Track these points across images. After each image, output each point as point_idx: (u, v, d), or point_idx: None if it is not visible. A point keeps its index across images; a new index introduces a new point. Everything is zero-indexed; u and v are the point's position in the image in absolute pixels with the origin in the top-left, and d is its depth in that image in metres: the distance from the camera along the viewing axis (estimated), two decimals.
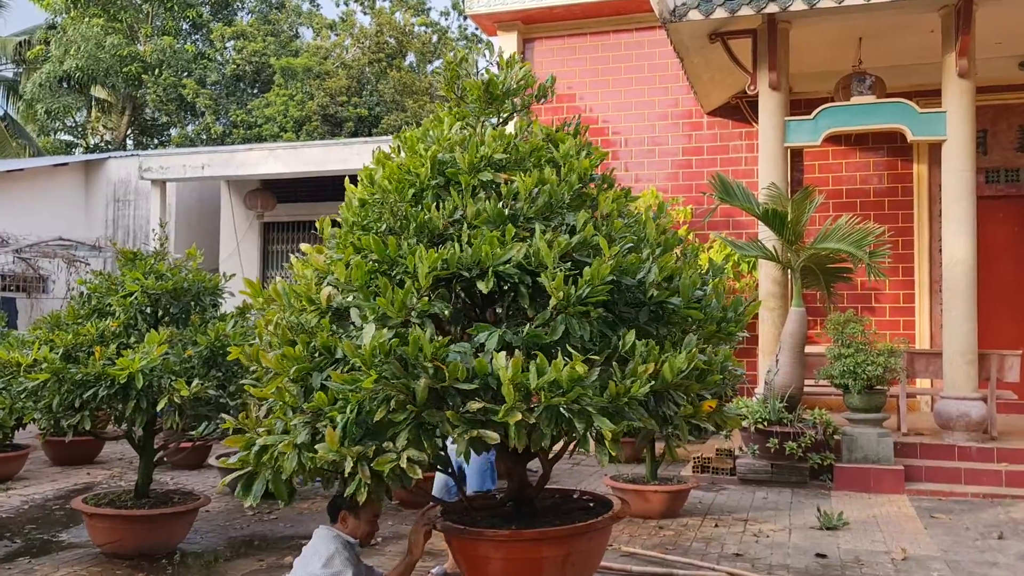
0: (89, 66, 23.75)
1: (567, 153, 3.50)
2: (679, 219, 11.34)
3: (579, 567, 3.42)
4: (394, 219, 3.37)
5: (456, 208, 3.32)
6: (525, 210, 3.28)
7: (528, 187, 3.30)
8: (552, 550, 3.39)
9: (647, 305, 3.20)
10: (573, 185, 3.40)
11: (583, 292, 3.00)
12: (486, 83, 3.72)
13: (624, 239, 3.32)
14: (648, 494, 6.77)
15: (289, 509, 7.29)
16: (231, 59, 24.16)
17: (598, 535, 3.46)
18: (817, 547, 5.99)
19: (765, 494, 7.84)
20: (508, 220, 3.28)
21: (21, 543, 6.20)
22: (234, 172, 14.60)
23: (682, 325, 3.29)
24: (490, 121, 3.78)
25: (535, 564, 3.44)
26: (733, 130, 11.90)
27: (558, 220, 3.30)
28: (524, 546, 3.46)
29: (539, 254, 3.07)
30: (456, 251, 3.12)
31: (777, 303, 8.98)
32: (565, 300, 2.98)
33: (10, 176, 15.92)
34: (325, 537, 3.79)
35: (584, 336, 3.00)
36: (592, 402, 2.83)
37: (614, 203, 3.50)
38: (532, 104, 3.94)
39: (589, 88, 12.56)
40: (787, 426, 8.02)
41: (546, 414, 2.83)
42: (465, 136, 3.52)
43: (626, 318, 3.18)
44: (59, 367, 5.08)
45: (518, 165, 3.47)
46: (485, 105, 3.75)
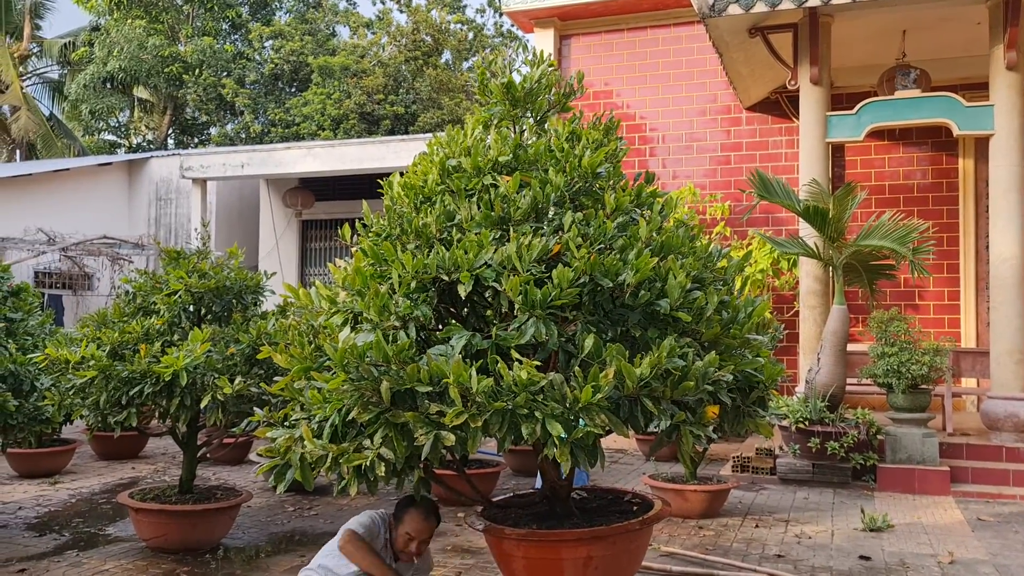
0: (131, 67, 24.19)
1: (567, 153, 3.40)
2: (717, 216, 11.24)
3: (603, 570, 3.38)
4: (399, 225, 3.42)
5: (455, 213, 3.32)
6: (512, 212, 3.22)
7: (512, 189, 3.27)
8: (570, 552, 3.38)
9: (635, 308, 3.06)
10: (559, 186, 3.29)
11: (551, 295, 2.95)
12: (506, 85, 3.69)
13: (619, 239, 3.18)
14: (688, 493, 6.72)
15: (328, 505, 7.36)
16: (269, 58, 24.41)
17: (624, 539, 3.36)
18: (860, 549, 5.90)
19: (806, 494, 7.74)
20: (496, 223, 3.25)
21: (69, 536, 6.32)
22: (272, 170, 14.75)
23: (677, 328, 3.12)
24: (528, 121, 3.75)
25: (554, 565, 3.44)
26: (773, 125, 11.76)
27: (547, 221, 3.23)
28: (542, 546, 3.46)
29: (511, 258, 3.05)
30: (437, 255, 3.13)
31: (818, 301, 8.86)
32: (529, 304, 2.95)
33: (56, 176, 16.25)
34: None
35: (551, 339, 2.95)
36: (544, 407, 2.80)
37: (630, 199, 3.38)
38: (568, 103, 3.87)
39: (626, 84, 12.50)
40: (829, 425, 7.91)
41: (495, 418, 2.82)
42: (477, 140, 3.51)
43: (616, 320, 3.10)
44: (106, 364, 5.16)
45: (530, 167, 3.43)
46: (511, 107, 3.72)
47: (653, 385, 2.83)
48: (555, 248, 3.05)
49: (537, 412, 2.79)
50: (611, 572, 3.39)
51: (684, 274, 3.03)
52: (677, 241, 3.19)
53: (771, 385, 3.20)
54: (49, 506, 7.34)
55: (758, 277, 10.47)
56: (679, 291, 2.99)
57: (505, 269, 3.04)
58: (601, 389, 2.75)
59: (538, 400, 2.80)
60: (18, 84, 24.85)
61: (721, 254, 3.37)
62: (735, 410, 3.23)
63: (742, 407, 3.24)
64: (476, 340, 3.01)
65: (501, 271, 3.05)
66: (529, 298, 2.95)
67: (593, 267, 3.02)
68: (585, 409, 2.80)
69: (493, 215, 3.23)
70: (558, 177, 3.27)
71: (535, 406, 2.80)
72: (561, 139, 3.51)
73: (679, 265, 3.08)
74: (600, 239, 3.13)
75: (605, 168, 3.35)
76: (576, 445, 2.92)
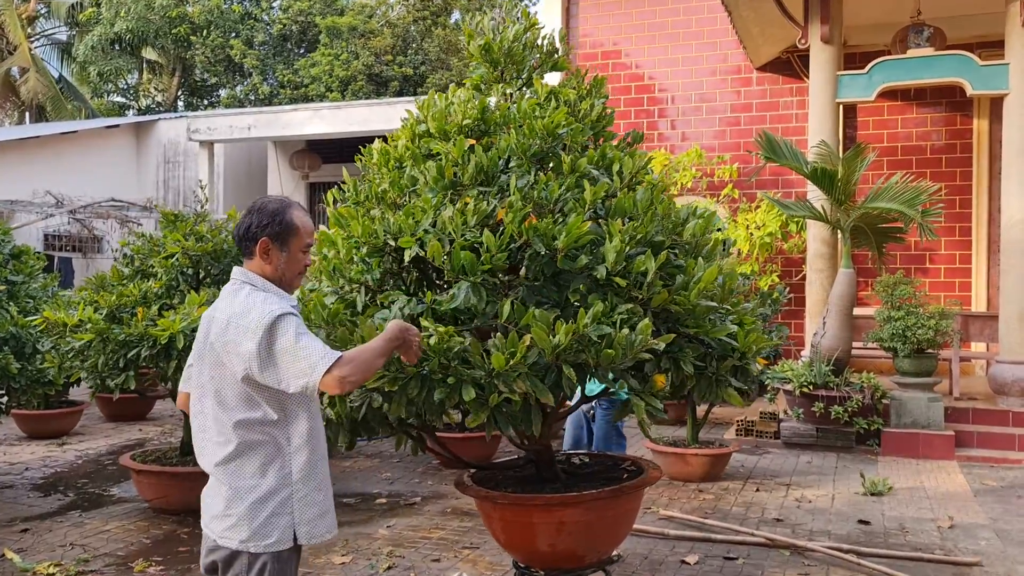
0: (139, 28, 24.01)
1: (525, 114, 3.28)
2: (725, 178, 11.11)
3: (578, 536, 3.35)
4: (365, 190, 3.37)
5: (418, 179, 3.25)
6: (462, 177, 3.14)
7: (457, 154, 3.20)
8: (542, 516, 3.35)
9: (579, 274, 2.95)
10: (511, 149, 3.16)
11: (484, 260, 2.89)
12: (484, 46, 3.58)
13: (569, 202, 3.05)
14: (688, 457, 6.71)
15: (332, 467, 7.36)
16: (277, 19, 24.17)
17: (601, 505, 3.30)
18: (861, 513, 5.88)
19: (809, 458, 7.72)
20: (447, 188, 3.17)
21: (74, 496, 6.39)
22: (279, 133, 14.68)
23: (622, 294, 2.96)
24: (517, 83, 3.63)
25: (527, 528, 3.43)
26: (784, 86, 11.56)
27: (496, 185, 3.14)
28: (515, 509, 3.44)
29: (445, 223, 2.99)
30: (384, 220, 3.07)
31: (826, 264, 8.77)
32: (456, 269, 2.89)
33: (64, 138, 16.22)
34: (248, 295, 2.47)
35: (478, 304, 2.87)
36: (461, 372, 2.76)
37: (590, 161, 3.24)
38: (556, 63, 3.75)
39: (635, 44, 12.29)
40: (833, 390, 7.86)
41: (414, 382, 2.79)
42: (448, 104, 3.42)
43: (562, 286, 3.01)
44: (103, 328, 5.17)
45: (497, 130, 3.33)
46: (491, 68, 3.62)
47: (581, 353, 2.75)
48: (499, 214, 2.95)
49: (450, 378, 2.75)
50: (588, 538, 3.37)
51: (621, 238, 2.89)
52: (628, 204, 3.04)
53: (751, 354, 3.10)
54: (55, 467, 7.42)
55: (766, 240, 10.37)
56: (614, 255, 2.86)
57: (444, 235, 2.96)
58: (515, 356, 2.68)
59: (453, 365, 2.75)
60: (26, 45, 24.73)
61: (690, 218, 3.20)
62: (706, 379, 3.16)
63: (714, 376, 3.15)
64: (411, 305, 2.96)
65: (442, 236, 2.97)
66: (455, 263, 2.88)
67: (527, 231, 2.93)
68: (501, 375, 2.74)
69: (444, 180, 3.15)
70: (512, 140, 3.16)
71: (450, 371, 2.75)
72: (538, 100, 3.41)
73: (620, 228, 2.92)
74: (545, 203, 3.03)
75: (567, 130, 3.22)
76: (498, 411, 2.86)
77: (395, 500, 6.31)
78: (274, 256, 2.50)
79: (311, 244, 2.59)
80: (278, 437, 2.44)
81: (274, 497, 2.42)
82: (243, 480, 2.42)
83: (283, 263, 2.51)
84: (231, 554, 2.43)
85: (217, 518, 2.46)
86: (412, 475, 7.13)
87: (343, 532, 5.49)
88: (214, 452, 2.46)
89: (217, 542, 2.46)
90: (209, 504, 2.50)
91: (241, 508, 2.41)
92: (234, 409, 2.42)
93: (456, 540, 5.30)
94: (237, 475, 2.42)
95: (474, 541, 5.24)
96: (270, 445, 2.43)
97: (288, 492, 2.44)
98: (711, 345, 3.10)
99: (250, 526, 2.40)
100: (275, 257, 2.50)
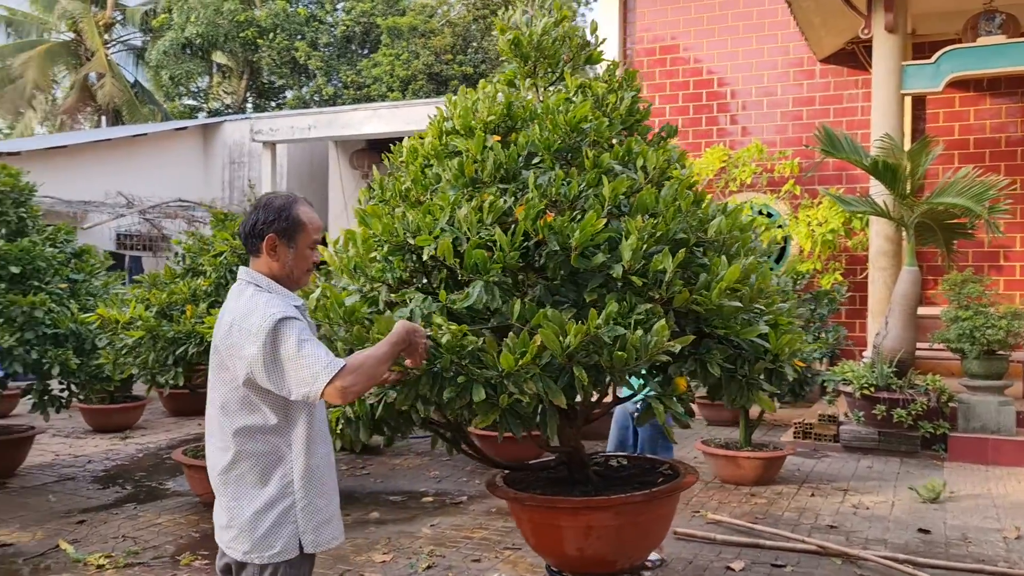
0: (208, 32, 24.60)
1: (549, 109, 3.18)
2: (785, 173, 10.83)
3: (607, 541, 3.27)
4: (391, 188, 3.33)
5: (440, 176, 3.19)
6: (482, 174, 3.07)
7: (476, 151, 3.12)
8: (569, 520, 3.28)
9: (598, 273, 2.86)
10: (537, 144, 3.09)
11: (500, 258, 2.82)
12: (513, 41, 3.51)
13: (590, 199, 2.97)
14: (740, 460, 6.54)
15: (381, 465, 7.43)
16: (341, 21, 24.50)
17: (630, 510, 3.21)
18: (921, 521, 5.65)
19: (870, 463, 7.46)
20: (467, 185, 3.10)
21: (131, 489, 6.55)
22: (339, 132, 14.85)
23: (641, 293, 2.85)
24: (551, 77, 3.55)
25: (555, 531, 3.36)
26: (848, 78, 11.20)
27: (516, 182, 3.05)
28: (542, 512, 3.37)
29: (460, 221, 2.92)
30: (403, 219, 3.02)
31: (889, 262, 8.47)
32: (469, 268, 2.83)
33: (135, 140, 16.71)
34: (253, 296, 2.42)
35: (485, 303, 2.80)
36: (472, 372, 2.69)
37: (615, 157, 3.14)
38: (588, 56, 3.64)
39: (694, 39, 12.07)
40: (896, 392, 7.57)
41: (425, 379, 2.72)
42: (475, 101, 3.35)
43: (581, 285, 2.91)
44: (153, 325, 5.27)
45: (524, 126, 3.25)
46: (522, 63, 3.54)
47: (597, 354, 2.65)
48: (518, 210, 2.86)
49: (460, 377, 2.68)
50: (618, 543, 3.27)
51: (639, 235, 2.77)
52: (650, 200, 2.91)
53: (784, 356, 2.95)
54: (116, 460, 7.63)
55: (828, 238, 10.05)
56: (630, 253, 2.75)
57: (460, 233, 2.90)
58: (525, 356, 2.60)
59: (464, 364, 2.68)
60: (103, 51, 25.61)
61: (717, 214, 3.05)
62: (736, 382, 3.02)
63: (744, 379, 3.02)
64: (426, 304, 2.91)
65: (458, 234, 2.91)
66: (468, 262, 2.81)
67: (542, 229, 2.84)
68: (511, 376, 2.67)
69: (464, 177, 3.09)
70: (535, 135, 3.08)
71: (461, 370, 2.69)
72: (567, 95, 3.32)
73: (639, 226, 2.79)
74: (564, 200, 2.94)
75: (592, 125, 3.12)
76: (509, 412, 2.79)
77: (441, 499, 6.30)
78: (281, 253, 2.45)
79: (319, 240, 2.54)
80: (279, 444, 2.39)
81: (275, 507, 2.37)
82: (243, 490, 2.39)
83: (291, 260, 2.47)
84: (239, 564, 2.42)
85: (223, 528, 2.44)
86: (461, 473, 7.11)
87: (387, 530, 5.50)
88: (216, 460, 2.44)
89: (225, 551, 2.45)
90: (216, 514, 2.48)
91: (242, 519, 2.37)
92: (235, 415, 2.38)
93: (498, 540, 5.26)
94: (237, 485, 2.39)
95: (516, 542, 5.19)
96: (271, 454, 2.38)
97: (290, 501, 2.39)
98: (742, 347, 2.97)
99: (251, 537, 2.36)
100: (283, 254, 2.46)
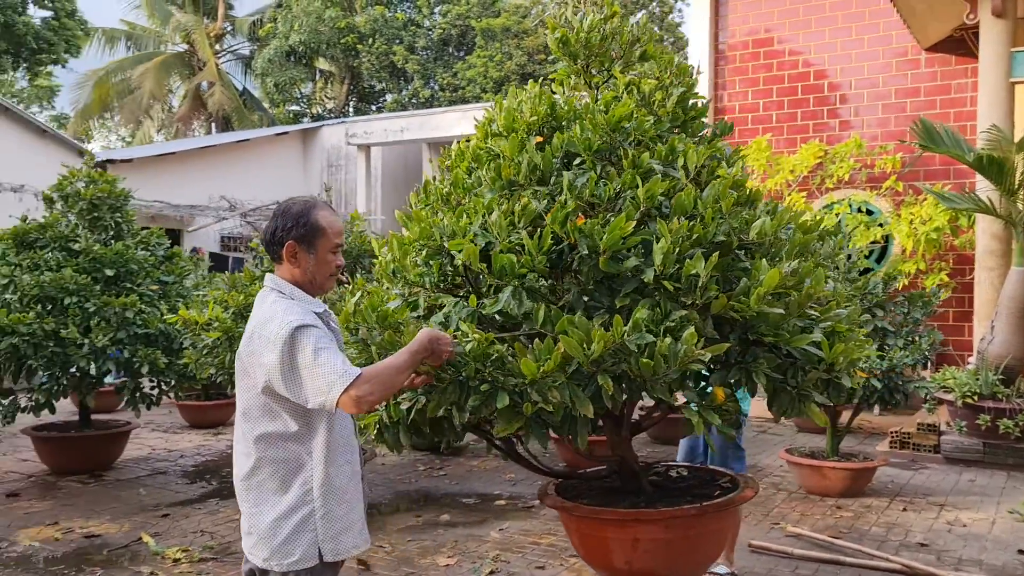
0: (311, 39, 25.39)
1: (589, 108, 3.05)
2: (887, 169, 10.31)
3: (655, 554, 3.13)
4: (435, 192, 3.29)
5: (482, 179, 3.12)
6: (517, 176, 2.97)
7: (511, 152, 3.02)
8: (616, 532, 3.16)
9: (631, 277, 2.74)
10: (556, 150, 2.98)
11: (528, 262, 2.75)
12: (561, 39, 3.40)
13: (625, 201, 2.84)
14: (826, 470, 6.24)
15: (458, 466, 7.44)
16: (437, 24, 24.84)
17: (681, 524, 3.09)
18: (1023, 542, 5.25)
19: (973, 476, 6.99)
20: (504, 187, 3.01)
21: (216, 485, 6.77)
22: (430, 135, 15.04)
23: (675, 299, 2.74)
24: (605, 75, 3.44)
25: (602, 543, 3.26)
26: (956, 67, 10.57)
27: (551, 184, 2.93)
28: (589, 523, 3.27)
29: (491, 225, 2.84)
30: (439, 222, 2.97)
31: (997, 262, 7.95)
32: (498, 273, 2.75)
33: (238, 146, 17.38)
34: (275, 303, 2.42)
35: (512, 309, 2.72)
36: (497, 379, 2.60)
37: (658, 156, 2.99)
38: (643, 53, 3.50)
39: (789, 30, 11.64)
40: (1002, 401, 7.08)
41: (452, 387, 2.64)
42: (518, 103, 3.26)
43: (615, 291, 2.77)
44: (229, 326, 5.42)
45: (568, 126, 3.15)
46: (572, 61, 3.44)
47: (626, 362, 2.52)
48: (548, 215, 2.77)
49: (483, 385, 2.60)
50: (667, 557, 3.14)
51: (673, 238, 2.62)
52: (688, 201, 2.76)
53: (840, 365, 2.74)
54: (206, 455, 7.90)
55: (933, 236, 9.51)
56: (661, 256, 2.60)
57: (493, 237, 2.83)
58: (549, 364, 2.49)
59: (488, 371, 2.60)
60: (213, 61, 26.73)
61: (768, 215, 2.86)
62: (786, 393, 2.84)
63: (795, 390, 2.82)
64: (456, 309, 2.84)
65: (492, 239, 2.84)
66: (496, 267, 2.72)
67: (572, 232, 2.72)
68: (535, 383, 2.56)
69: (501, 180, 3.01)
70: (576, 135, 2.97)
71: (485, 377, 2.61)
72: (617, 93, 3.20)
73: (674, 228, 2.64)
74: (599, 201, 2.82)
75: (632, 124, 2.98)
76: (535, 421, 2.68)
77: (513, 502, 6.25)
78: (302, 259, 2.44)
79: (340, 244, 2.52)
80: (299, 452, 2.38)
81: (294, 514, 2.36)
82: (264, 496, 2.39)
83: (312, 265, 2.45)
84: (261, 571, 2.42)
85: (245, 535, 2.45)
86: (536, 477, 6.93)
87: (455, 533, 5.49)
88: (239, 466, 2.45)
89: (248, 558, 2.46)
90: (241, 521, 2.49)
91: (261, 526, 2.38)
92: (256, 421, 2.39)
93: (565, 547, 5.16)
94: (259, 491, 2.40)
95: None
96: (291, 461, 2.38)
97: (309, 509, 2.37)
98: (793, 355, 2.80)
99: (270, 545, 2.36)
100: (303, 260, 2.45)
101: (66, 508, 6.01)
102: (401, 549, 5.18)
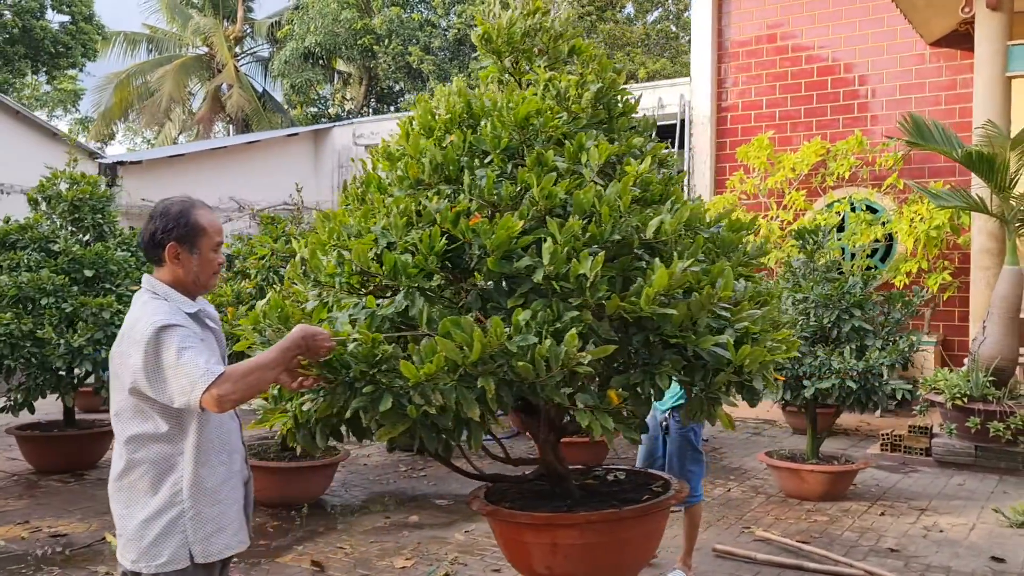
0: (327, 41, 25.48)
1: (497, 105, 3.00)
2: (888, 166, 10.13)
3: (575, 560, 3.07)
4: (353, 192, 3.29)
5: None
6: (423, 175, 2.94)
7: (413, 151, 3.02)
8: (534, 536, 3.11)
9: (523, 277, 2.72)
10: (458, 148, 2.93)
11: (420, 262, 2.77)
12: (483, 35, 3.34)
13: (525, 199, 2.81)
14: (804, 473, 6.12)
15: (440, 467, 7.38)
16: (453, 24, 24.84)
17: (599, 529, 3.03)
18: (998, 548, 5.10)
19: (962, 480, 6.83)
20: (412, 187, 2.98)
21: None
22: None
23: (577, 300, 2.70)
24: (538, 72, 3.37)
25: (522, 547, 3.22)
26: (962, 62, 10.35)
27: (456, 183, 2.89)
28: (509, 526, 3.23)
29: (388, 225, 2.85)
30: (344, 223, 2.98)
31: (992, 261, 7.77)
32: (391, 274, 2.77)
33: (249, 147, 17.49)
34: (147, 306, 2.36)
35: (409, 310, 2.72)
36: (378, 380, 2.59)
37: (566, 154, 2.95)
38: (565, 49, 3.42)
39: (792, 26, 11.48)
40: (992, 403, 6.91)
41: (341, 388, 2.60)
42: (439, 99, 3.23)
43: (514, 291, 2.73)
44: None
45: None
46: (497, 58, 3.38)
47: (512, 363, 2.47)
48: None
49: (367, 387, 2.55)
50: (588, 562, 3.07)
51: (563, 238, 2.54)
52: (586, 200, 2.67)
53: (751, 368, 2.64)
54: None
55: (933, 235, 9.31)
56: (550, 256, 2.53)
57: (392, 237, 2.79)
58: (428, 366, 2.44)
59: (372, 374, 2.55)
60: (232, 63, 26.97)
61: (669, 213, 2.77)
62: (695, 395, 2.76)
63: (704, 393, 2.74)
64: (356, 310, 2.80)
65: (390, 237, 2.80)
66: (387, 267, 2.69)
67: (465, 232, 2.68)
68: (417, 386, 2.51)
69: (408, 179, 2.97)
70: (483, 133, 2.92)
71: (370, 380, 2.56)
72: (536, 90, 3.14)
73: (569, 227, 2.58)
74: (502, 201, 2.75)
75: (539, 120, 2.91)
76: (422, 424, 2.64)
77: None
78: (185, 260, 2.42)
79: (221, 242, 2.51)
80: (170, 452, 2.35)
81: (163, 516, 2.33)
82: (135, 498, 2.37)
83: (196, 265, 2.43)
84: (132, 573, 2.39)
85: (117, 537, 2.43)
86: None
87: (419, 535, 5.46)
88: (113, 467, 2.43)
89: (119, 560, 2.43)
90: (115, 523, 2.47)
91: (130, 528, 2.36)
92: (128, 422, 2.37)
93: None
94: (129, 493, 2.37)
95: None
96: (162, 462, 2.35)
97: (179, 510, 2.34)
98: (702, 357, 2.72)
99: (139, 546, 2.33)
100: (186, 261, 2.42)
101: (40, 507, 6.06)
102: (361, 551, 5.15)
